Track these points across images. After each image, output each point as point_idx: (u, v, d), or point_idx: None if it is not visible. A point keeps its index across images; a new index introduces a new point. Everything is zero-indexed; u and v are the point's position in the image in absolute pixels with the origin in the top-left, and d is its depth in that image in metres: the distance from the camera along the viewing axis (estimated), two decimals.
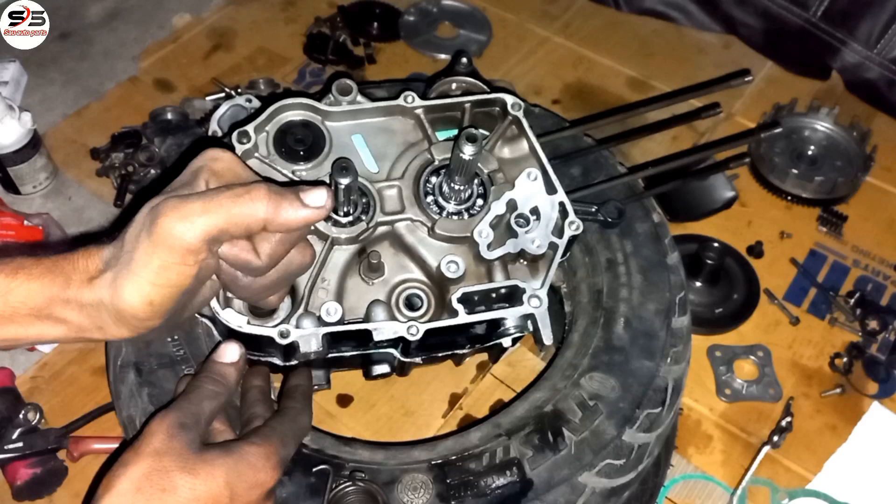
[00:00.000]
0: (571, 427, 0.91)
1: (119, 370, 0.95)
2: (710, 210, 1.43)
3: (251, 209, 0.68)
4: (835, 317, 1.31)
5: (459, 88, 1.06)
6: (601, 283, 1.05)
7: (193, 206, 0.67)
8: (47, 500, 1.08)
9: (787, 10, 1.62)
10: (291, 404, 0.85)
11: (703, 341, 1.26)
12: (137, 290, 0.67)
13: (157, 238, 0.66)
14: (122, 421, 0.94)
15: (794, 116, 1.54)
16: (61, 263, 0.71)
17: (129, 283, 0.67)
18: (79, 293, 0.69)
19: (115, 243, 0.70)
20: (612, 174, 1.14)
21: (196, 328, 0.95)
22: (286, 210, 0.70)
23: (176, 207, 0.66)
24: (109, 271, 0.69)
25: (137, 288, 0.67)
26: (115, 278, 0.68)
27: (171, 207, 0.67)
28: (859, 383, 1.23)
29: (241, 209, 0.68)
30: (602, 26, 1.79)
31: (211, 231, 0.67)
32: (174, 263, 0.67)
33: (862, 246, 1.41)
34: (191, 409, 0.74)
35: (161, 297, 0.68)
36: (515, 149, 0.99)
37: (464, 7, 1.80)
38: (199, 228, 0.66)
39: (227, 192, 0.68)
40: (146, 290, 0.67)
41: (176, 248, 0.66)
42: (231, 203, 0.68)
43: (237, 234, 0.70)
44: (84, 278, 0.70)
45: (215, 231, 0.67)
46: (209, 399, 0.76)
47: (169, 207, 0.67)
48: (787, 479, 1.13)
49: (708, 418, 1.19)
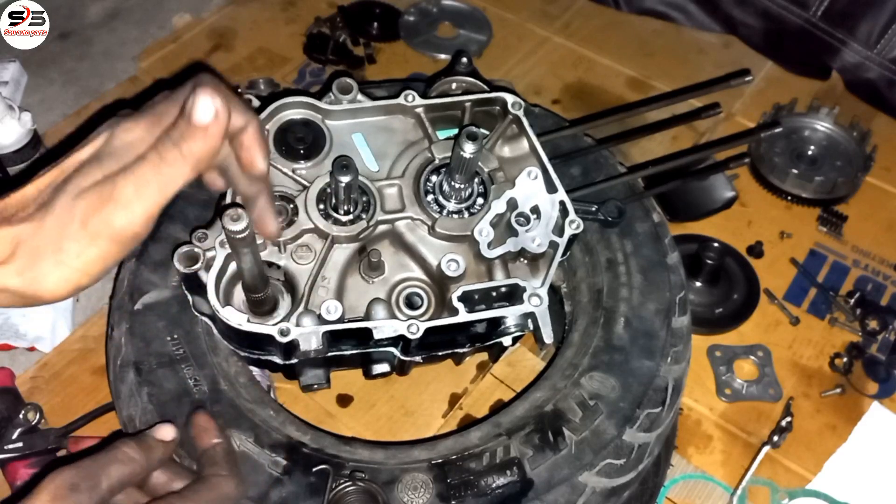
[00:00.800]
0: (572, 427, 0.91)
1: (119, 370, 0.95)
2: (710, 210, 1.43)
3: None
4: (835, 317, 1.31)
5: (460, 88, 1.06)
6: (601, 282, 1.05)
7: (126, 191, 0.63)
8: None
9: (787, 9, 1.62)
10: (214, 471, 0.78)
11: (703, 341, 1.26)
12: (65, 279, 0.63)
13: (95, 231, 0.62)
14: (123, 421, 0.94)
15: (794, 116, 1.54)
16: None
17: (57, 271, 0.62)
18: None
19: (28, 224, 0.63)
20: (612, 174, 1.14)
21: (196, 327, 0.95)
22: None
23: (109, 197, 0.62)
24: (22, 258, 0.62)
25: (65, 276, 0.63)
26: (32, 266, 0.62)
27: (104, 198, 0.62)
28: (859, 383, 1.23)
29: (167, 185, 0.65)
30: (602, 26, 1.79)
31: (152, 211, 0.64)
32: (115, 252, 0.64)
33: (862, 246, 1.41)
34: (92, 470, 0.67)
35: (91, 280, 0.64)
36: (516, 148, 0.99)
37: (464, 7, 1.80)
38: (139, 213, 0.63)
39: (155, 164, 0.64)
40: (75, 277, 0.63)
41: (117, 239, 0.63)
42: (157, 174, 0.64)
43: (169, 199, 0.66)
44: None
45: (156, 209, 0.64)
46: (118, 464, 0.70)
47: (101, 198, 0.62)
48: (787, 479, 1.13)
49: (708, 418, 1.19)
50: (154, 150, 0.64)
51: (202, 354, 0.93)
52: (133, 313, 0.96)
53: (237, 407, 0.90)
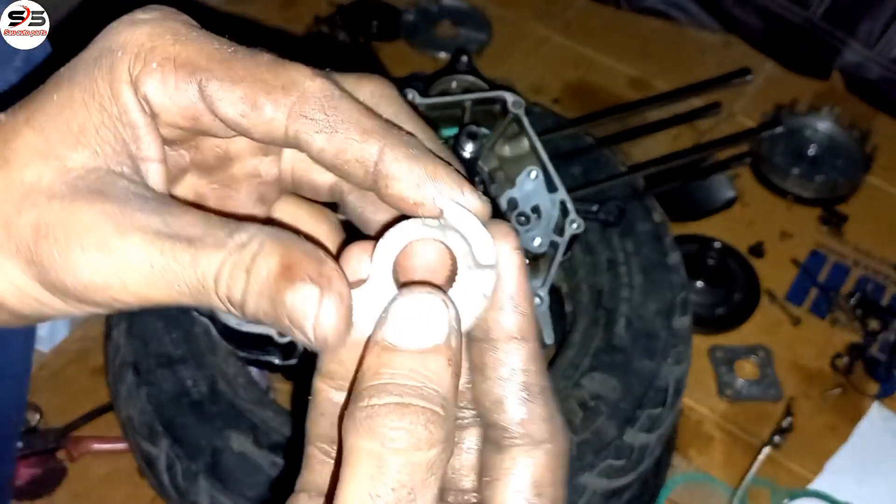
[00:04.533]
0: (572, 427, 0.91)
1: (118, 370, 0.94)
2: (711, 210, 1.43)
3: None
4: (836, 317, 1.31)
5: (460, 87, 1.06)
6: (602, 282, 1.04)
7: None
8: (47, 499, 1.08)
9: (788, 9, 1.62)
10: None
11: (704, 341, 1.25)
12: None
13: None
14: (121, 421, 0.94)
15: (794, 116, 1.54)
16: None
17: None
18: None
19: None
20: (612, 173, 1.13)
21: (195, 327, 0.95)
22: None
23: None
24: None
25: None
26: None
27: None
28: (860, 383, 1.23)
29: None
30: (602, 25, 1.79)
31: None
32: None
33: (863, 246, 1.40)
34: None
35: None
36: (516, 147, 0.99)
37: (464, 6, 1.79)
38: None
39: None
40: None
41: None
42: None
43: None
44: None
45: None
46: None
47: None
48: (787, 480, 1.13)
49: (709, 419, 1.19)
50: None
51: (201, 355, 0.93)
52: (132, 313, 0.95)
53: (236, 407, 0.90)
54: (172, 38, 0.37)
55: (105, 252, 0.35)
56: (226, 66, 0.36)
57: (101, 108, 0.37)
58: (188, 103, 0.37)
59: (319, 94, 0.36)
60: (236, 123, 0.37)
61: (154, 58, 0.36)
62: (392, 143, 0.36)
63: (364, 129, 0.36)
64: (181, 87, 0.36)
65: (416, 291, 0.34)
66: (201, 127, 0.38)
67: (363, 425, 0.32)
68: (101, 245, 0.35)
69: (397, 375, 0.33)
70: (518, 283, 0.37)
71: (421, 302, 0.34)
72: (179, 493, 0.90)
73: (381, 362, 0.33)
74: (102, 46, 0.38)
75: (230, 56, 0.37)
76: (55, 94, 0.37)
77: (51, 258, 0.35)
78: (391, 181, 0.36)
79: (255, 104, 0.36)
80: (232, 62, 0.37)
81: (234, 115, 0.36)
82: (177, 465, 0.89)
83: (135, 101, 0.37)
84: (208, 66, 0.36)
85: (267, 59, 0.37)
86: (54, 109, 0.37)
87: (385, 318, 0.34)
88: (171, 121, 0.38)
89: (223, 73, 0.36)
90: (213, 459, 0.88)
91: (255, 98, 0.36)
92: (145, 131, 0.37)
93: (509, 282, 0.37)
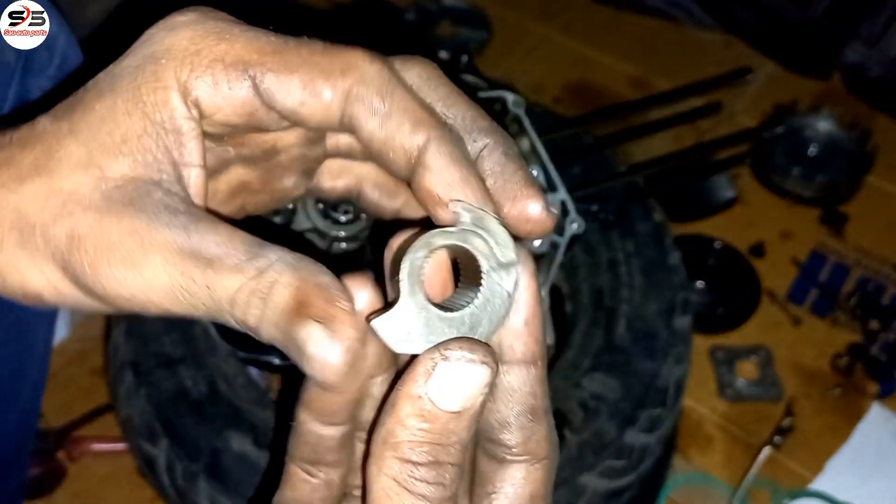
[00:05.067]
0: (573, 428, 0.91)
1: (118, 370, 0.94)
2: (711, 210, 1.43)
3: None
4: (836, 317, 1.31)
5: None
6: (602, 282, 1.04)
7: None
8: (47, 499, 1.07)
9: (789, 9, 1.62)
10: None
11: (705, 342, 1.25)
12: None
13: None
14: (121, 421, 0.93)
15: (795, 116, 1.54)
16: None
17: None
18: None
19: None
20: (612, 173, 1.13)
21: (194, 327, 0.95)
22: None
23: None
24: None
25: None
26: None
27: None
28: (860, 383, 1.23)
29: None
30: (603, 25, 1.78)
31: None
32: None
33: (863, 246, 1.40)
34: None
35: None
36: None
37: (464, 6, 1.79)
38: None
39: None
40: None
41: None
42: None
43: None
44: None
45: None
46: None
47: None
48: (788, 480, 1.12)
49: (709, 419, 1.19)
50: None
51: (200, 355, 0.93)
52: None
53: (235, 407, 0.90)
54: (216, 37, 0.37)
55: (130, 269, 0.36)
56: (279, 57, 0.37)
57: (144, 116, 0.37)
58: (243, 100, 0.37)
59: (378, 78, 0.37)
60: (293, 112, 0.37)
61: (202, 60, 0.37)
62: (439, 137, 0.37)
63: (417, 119, 0.37)
64: (234, 86, 0.37)
65: (461, 353, 0.34)
66: (255, 122, 0.38)
67: (400, 478, 0.34)
68: (127, 262, 0.36)
69: (432, 434, 0.34)
70: (532, 309, 0.37)
71: (467, 368, 0.34)
72: (179, 493, 0.90)
73: (419, 416, 0.34)
74: (144, 54, 0.38)
75: (282, 47, 0.37)
76: (97, 104, 0.38)
77: (82, 268, 0.36)
78: (428, 174, 0.37)
79: (314, 90, 0.36)
80: (284, 52, 0.37)
81: (292, 105, 0.37)
82: (177, 465, 0.89)
83: (183, 107, 0.37)
84: (261, 60, 0.37)
85: (321, 46, 0.37)
86: (97, 120, 0.37)
87: (430, 374, 0.34)
88: (225, 120, 0.38)
89: (277, 64, 0.37)
90: (212, 460, 0.88)
91: (314, 83, 0.36)
92: (189, 137, 0.37)
93: (524, 307, 0.37)
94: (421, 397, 0.34)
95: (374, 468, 0.34)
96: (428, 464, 0.34)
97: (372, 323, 0.35)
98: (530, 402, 0.38)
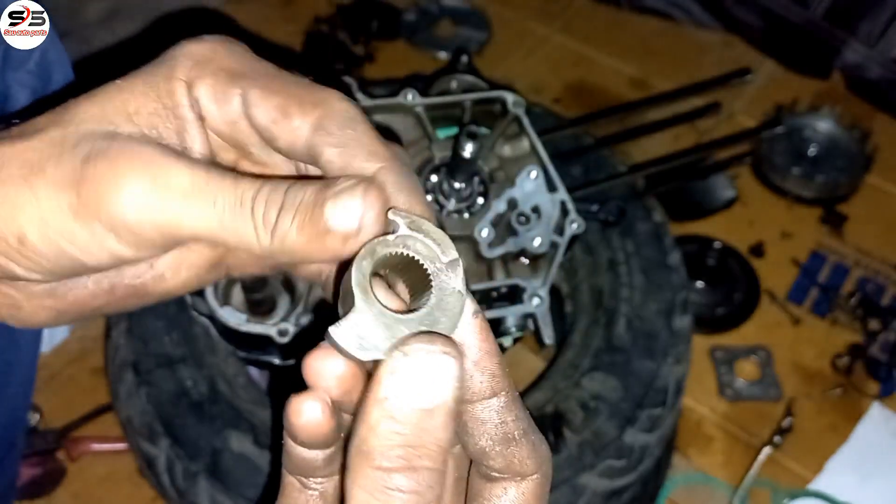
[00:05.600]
0: (572, 427, 0.91)
1: (118, 370, 0.94)
2: (711, 210, 1.43)
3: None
4: (836, 317, 1.31)
5: (460, 87, 1.06)
6: (602, 282, 1.04)
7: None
8: (46, 499, 1.07)
9: (789, 9, 1.62)
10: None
11: (705, 341, 1.25)
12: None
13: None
14: (121, 421, 0.93)
15: (795, 116, 1.54)
16: None
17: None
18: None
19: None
20: (612, 173, 1.13)
21: (194, 327, 0.95)
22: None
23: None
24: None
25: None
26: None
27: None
28: (860, 383, 1.23)
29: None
30: (603, 25, 1.78)
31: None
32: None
33: (863, 246, 1.40)
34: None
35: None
36: (516, 147, 0.99)
37: (464, 6, 1.79)
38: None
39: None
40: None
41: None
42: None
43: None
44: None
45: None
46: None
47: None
48: (787, 480, 1.12)
49: (709, 419, 1.19)
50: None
51: (200, 355, 0.93)
52: (131, 313, 0.95)
53: (235, 408, 0.90)
54: (228, 54, 0.43)
55: (150, 168, 0.38)
56: (268, 81, 0.42)
57: (157, 99, 0.41)
58: (229, 109, 0.42)
59: (344, 114, 0.41)
60: (266, 129, 0.42)
61: (210, 67, 0.42)
62: (389, 166, 0.41)
63: (370, 152, 0.41)
64: (227, 94, 0.41)
65: (420, 345, 0.34)
66: (237, 135, 0.43)
67: (372, 486, 0.33)
68: (149, 163, 0.38)
69: (404, 436, 0.33)
70: (479, 347, 0.38)
71: (429, 360, 0.33)
72: (179, 493, 0.90)
73: (389, 418, 0.33)
74: (171, 54, 0.43)
75: (275, 74, 0.43)
76: (119, 80, 0.42)
77: (94, 174, 0.38)
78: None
79: (286, 113, 0.41)
80: (274, 78, 0.42)
81: (265, 121, 0.41)
82: (177, 465, 0.89)
83: (186, 99, 0.41)
84: (253, 78, 0.42)
85: (306, 81, 0.43)
86: (114, 90, 0.41)
87: (394, 373, 0.33)
88: (216, 127, 0.42)
89: (264, 84, 0.42)
90: (212, 459, 0.88)
91: (288, 108, 0.41)
92: (193, 126, 0.42)
93: (472, 349, 0.38)
94: (388, 398, 0.33)
95: (349, 481, 0.33)
96: (402, 469, 0.33)
97: (329, 330, 0.34)
98: (503, 431, 0.38)
